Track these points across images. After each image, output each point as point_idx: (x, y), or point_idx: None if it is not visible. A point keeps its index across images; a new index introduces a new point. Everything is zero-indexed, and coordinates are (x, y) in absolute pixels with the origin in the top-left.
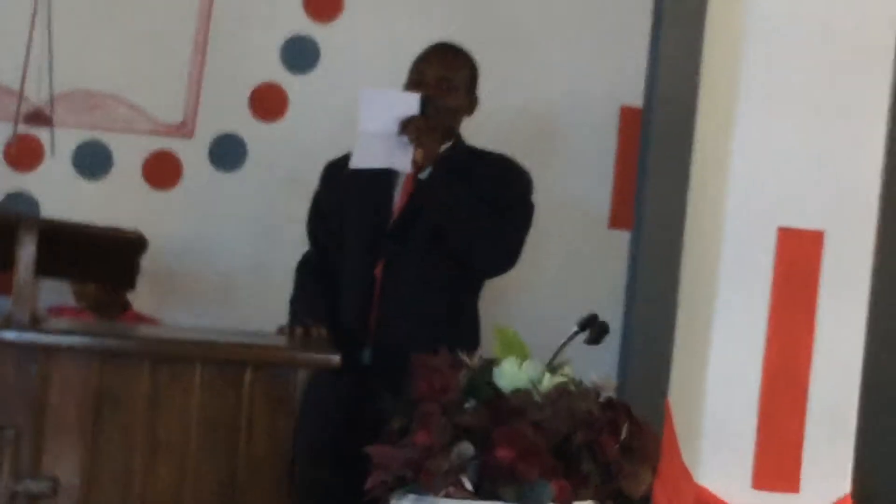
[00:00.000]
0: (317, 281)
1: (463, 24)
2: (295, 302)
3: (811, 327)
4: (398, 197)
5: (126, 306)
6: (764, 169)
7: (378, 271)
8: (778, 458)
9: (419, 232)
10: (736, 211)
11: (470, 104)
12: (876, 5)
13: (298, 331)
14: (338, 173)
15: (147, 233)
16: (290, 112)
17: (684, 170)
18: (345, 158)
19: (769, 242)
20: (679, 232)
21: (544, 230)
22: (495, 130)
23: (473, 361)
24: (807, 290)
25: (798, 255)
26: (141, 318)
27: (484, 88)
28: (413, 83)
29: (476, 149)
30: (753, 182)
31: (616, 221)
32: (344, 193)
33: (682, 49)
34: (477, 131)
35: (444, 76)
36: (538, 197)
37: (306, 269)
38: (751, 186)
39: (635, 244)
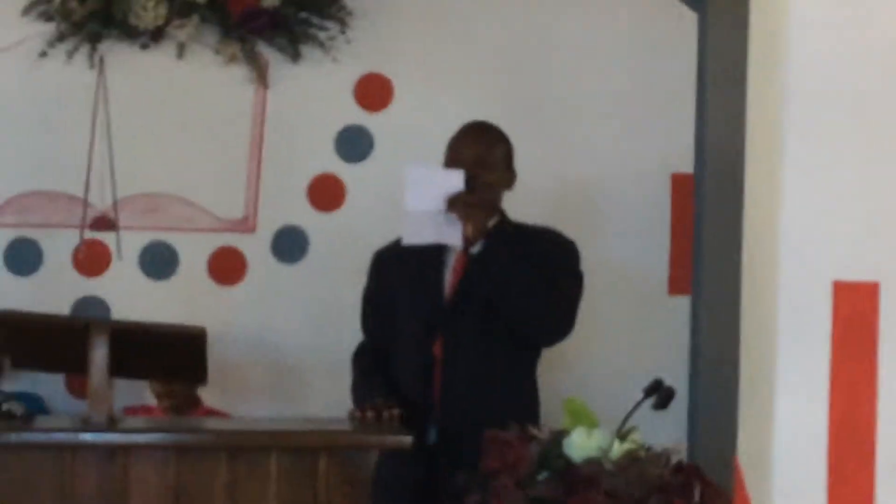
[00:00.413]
0: (376, 366)
1: (511, 103)
2: (358, 387)
3: (873, 377)
4: (449, 275)
5: (197, 402)
6: (815, 223)
7: (437, 349)
8: None
9: (475, 307)
10: (790, 267)
11: (509, 179)
12: None
13: (369, 412)
14: (386, 261)
15: (215, 328)
16: (348, 200)
17: (739, 232)
18: (392, 247)
19: (825, 296)
20: (737, 296)
21: (604, 299)
22: (549, 204)
23: (543, 433)
24: (866, 341)
25: (855, 308)
26: (212, 413)
27: (536, 164)
28: (451, 163)
29: (521, 223)
30: (805, 237)
31: (675, 287)
32: (395, 279)
33: (729, 112)
34: (531, 206)
35: (481, 154)
36: (596, 267)
37: (364, 357)
38: (803, 242)
39: (696, 309)
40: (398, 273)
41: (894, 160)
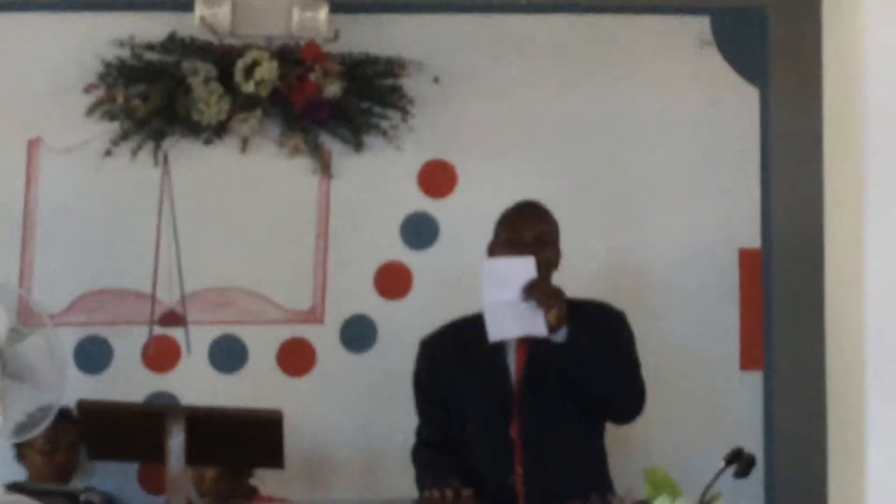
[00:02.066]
0: (445, 454)
1: (574, 184)
2: (428, 472)
3: None
4: (513, 357)
5: (253, 492)
6: None
7: (514, 432)
8: None
9: (548, 387)
10: (876, 320)
11: (558, 257)
12: None
13: (448, 491)
14: (439, 348)
15: (286, 419)
16: (415, 287)
17: (809, 305)
18: (442, 332)
19: None
20: (809, 367)
21: (677, 376)
22: (617, 283)
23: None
24: None
25: None
26: (272, 502)
27: (602, 243)
28: (512, 244)
29: (570, 298)
30: (891, 290)
31: (747, 363)
32: (453, 365)
33: (795, 184)
34: (598, 284)
35: (540, 232)
36: (668, 345)
37: (429, 450)
38: (888, 294)
39: (769, 382)
40: (456, 360)
41: None
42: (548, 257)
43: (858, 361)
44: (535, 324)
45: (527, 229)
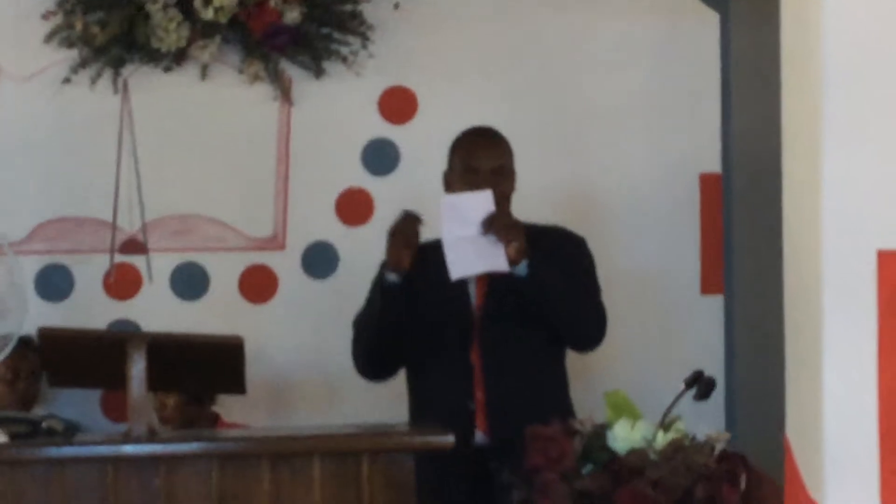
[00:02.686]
0: None
1: (535, 109)
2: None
3: None
4: (475, 284)
5: (216, 418)
6: (857, 194)
7: (474, 357)
8: None
9: (509, 313)
10: (833, 238)
11: (513, 184)
12: None
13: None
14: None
15: (247, 345)
16: (377, 214)
17: (769, 228)
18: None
19: (870, 266)
20: (769, 291)
21: (637, 302)
22: (576, 209)
23: (586, 427)
24: None
25: None
26: (234, 428)
27: (561, 169)
28: (468, 180)
29: (531, 224)
30: (848, 208)
31: (707, 287)
32: (415, 282)
33: (755, 109)
34: (558, 211)
35: (498, 165)
36: (628, 271)
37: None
38: (845, 213)
39: (729, 307)
40: (419, 276)
41: None
42: (505, 189)
43: (815, 285)
44: (496, 259)
45: (483, 160)
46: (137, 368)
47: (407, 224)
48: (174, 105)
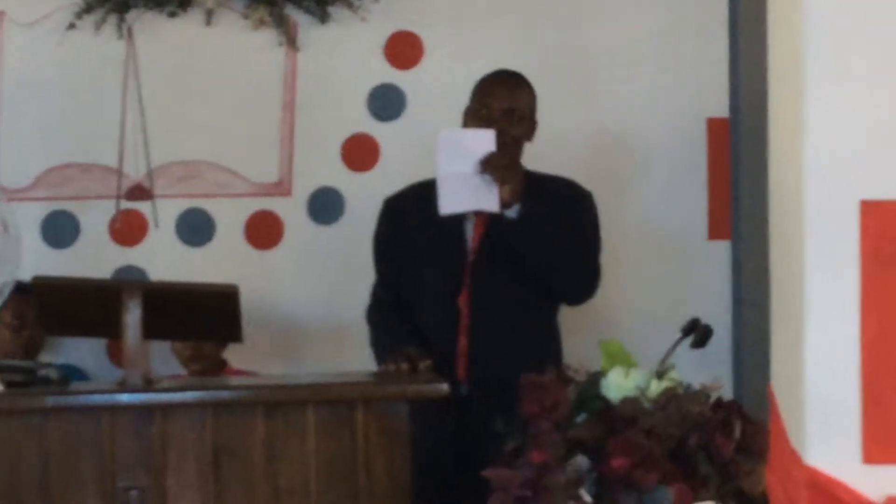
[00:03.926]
0: (401, 316)
1: (541, 54)
2: (384, 338)
3: None
4: (472, 227)
5: (224, 365)
6: (839, 144)
7: (462, 302)
8: (885, 431)
9: (501, 260)
10: (815, 189)
11: (532, 130)
12: None
13: (404, 364)
14: (400, 209)
15: (254, 291)
16: (382, 159)
17: None
18: (405, 194)
19: (853, 216)
20: None
21: (644, 247)
22: (584, 154)
23: (580, 375)
24: (895, 260)
25: (882, 227)
26: (241, 374)
27: (569, 114)
28: (479, 116)
29: (539, 174)
30: (829, 158)
31: (714, 233)
32: (412, 228)
33: (763, 54)
34: (565, 156)
35: (511, 107)
36: (634, 216)
37: (384, 311)
38: (827, 162)
39: (736, 252)
40: (416, 223)
41: None
42: (517, 133)
43: (798, 235)
44: (488, 198)
45: (497, 101)
46: (133, 317)
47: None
48: (179, 51)
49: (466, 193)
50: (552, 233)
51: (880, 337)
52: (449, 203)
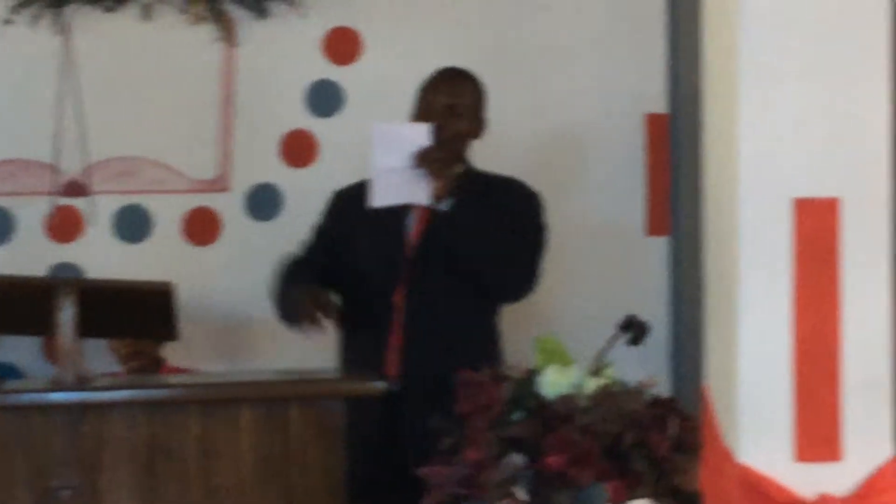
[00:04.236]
0: (308, 266)
1: (481, 50)
2: (285, 286)
3: (836, 295)
4: (413, 224)
5: (161, 362)
6: (772, 142)
7: (398, 297)
8: (817, 429)
9: (440, 257)
10: (749, 187)
11: (478, 128)
12: None
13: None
14: (347, 201)
15: (191, 288)
16: (321, 156)
17: None
18: (354, 188)
19: (785, 214)
20: None
21: (583, 243)
22: (523, 150)
23: (516, 373)
24: (828, 258)
25: (816, 225)
26: (178, 371)
27: (509, 110)
28: (421, 112)
29: (486, 173)
30: (763, 156)
31: (653, 229)
32: (354, 221)
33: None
34: (505, 152)
35: (452, 103)
36: (574, 211)
37: (289, 264)
38: (761, 161)
39: (675, 248)
40: (359, 216)
41: (850, 76)
42: (458, 128)
43: (732, 232)
44: (420, 192)
45: (439, 98)
46: (66, 315)
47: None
48: (116, 46)
49: (399, 186)
50: (482, 228)
51: (813, 335)
52: (381, 196)
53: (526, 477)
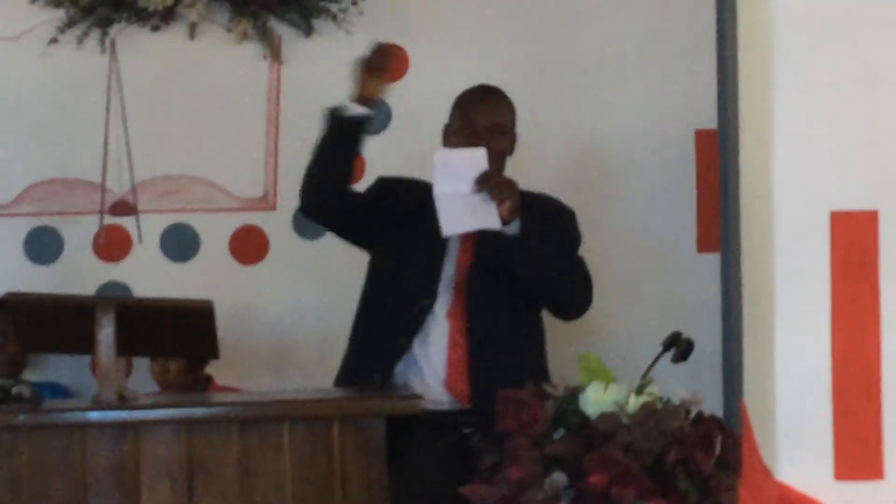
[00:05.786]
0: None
1: (528, 67)
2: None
3: (876, 309)
4: (459, 245)
5: (209, 381)
6: (809, 154)
7: (454, 315)
8: (858, 447)
9: (499, 276)
10: (785, 200)
11: (513, 143)
12: None
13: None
14: (395, 189)
15: (238, 307)
16: (368, 173)
17: None
18: (402, 180)
19: (823, 228)
20: None
21: (633, 260)
22: (571, 167)
23: (558, 391)
24: (867, 271)
25: (854, 238)
26: (226, 390)
27: (557, 127)
28: (465, 133)
29: (524, 192)
30: (800, 169)
31: (703, 245)
32: (402, 210)
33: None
34: (553, 170)
35: (495, 123)
36: (623, 229)
37: None
38: (797, 173)
39: (726, 265)
40: (407, 204)
41: (889, 86)
42: (502, 147)
43: (768, 247)
44: (488, 216)
45: (481, 117)
46: (106, 333)
47: (378, 56)
48: (162, 65)
49: (466, 213)
50: (552, 248)
51: (852, 350)
52: (450, 224)
53: (568, 496)
